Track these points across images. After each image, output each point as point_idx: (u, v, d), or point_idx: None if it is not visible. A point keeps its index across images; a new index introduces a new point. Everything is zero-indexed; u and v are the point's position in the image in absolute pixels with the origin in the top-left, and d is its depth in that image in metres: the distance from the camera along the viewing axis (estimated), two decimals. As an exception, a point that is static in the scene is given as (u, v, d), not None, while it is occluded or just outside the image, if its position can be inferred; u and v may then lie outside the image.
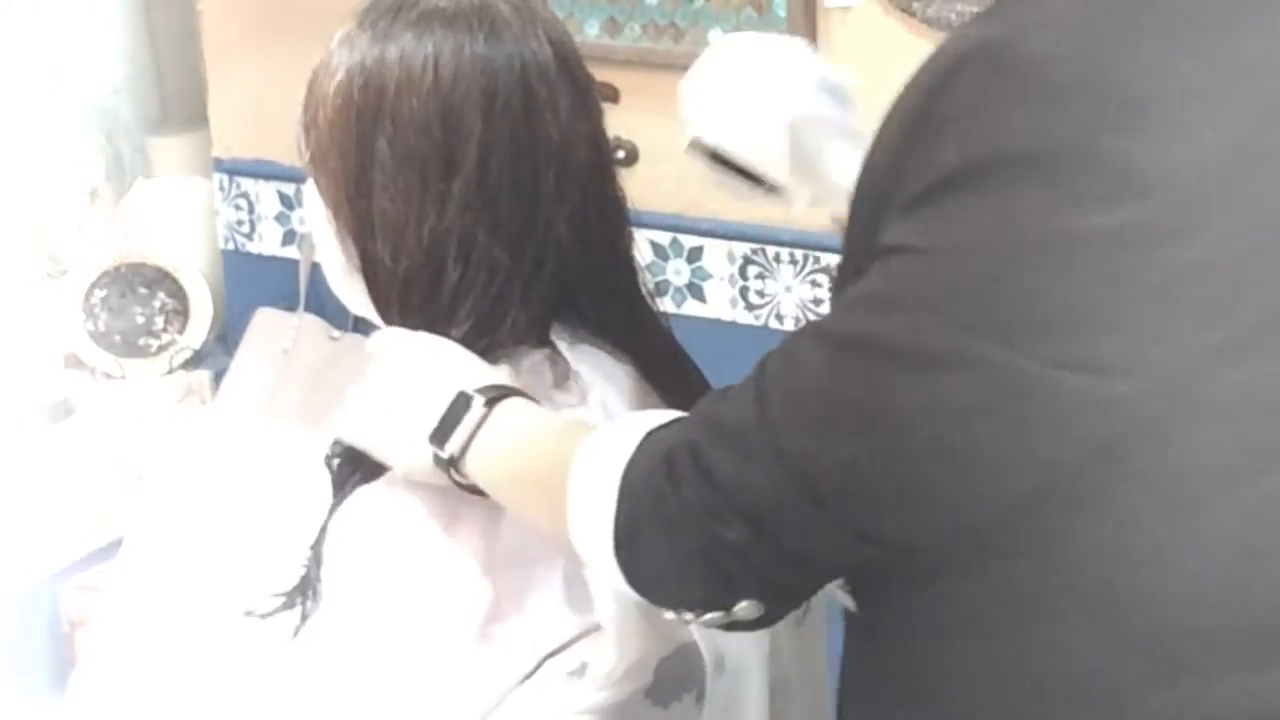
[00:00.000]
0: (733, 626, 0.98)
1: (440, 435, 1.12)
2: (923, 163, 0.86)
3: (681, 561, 0.95)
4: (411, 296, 1.22)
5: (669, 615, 1.00)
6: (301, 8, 2.01)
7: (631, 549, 0.97)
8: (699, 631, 1.16)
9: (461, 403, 1.12)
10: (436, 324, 1.21)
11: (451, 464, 1.12)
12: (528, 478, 1.11)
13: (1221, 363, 0.84)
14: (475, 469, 1.12)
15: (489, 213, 1.20)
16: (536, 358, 1.28)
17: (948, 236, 0.85)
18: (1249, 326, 0.84)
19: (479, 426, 1.11)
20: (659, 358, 1.33)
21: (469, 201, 1.20)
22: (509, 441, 1.11)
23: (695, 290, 2.08)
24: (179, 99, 2.60)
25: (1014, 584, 0.91)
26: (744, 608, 0.95)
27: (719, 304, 2.08)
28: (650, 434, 0.99)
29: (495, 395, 1.13)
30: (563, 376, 1.27)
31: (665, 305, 1.36)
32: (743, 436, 0.91)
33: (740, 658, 1.21)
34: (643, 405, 1.29)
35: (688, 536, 0.93)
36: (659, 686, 1.22)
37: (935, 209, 0.85)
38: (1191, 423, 0.85)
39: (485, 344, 1.22)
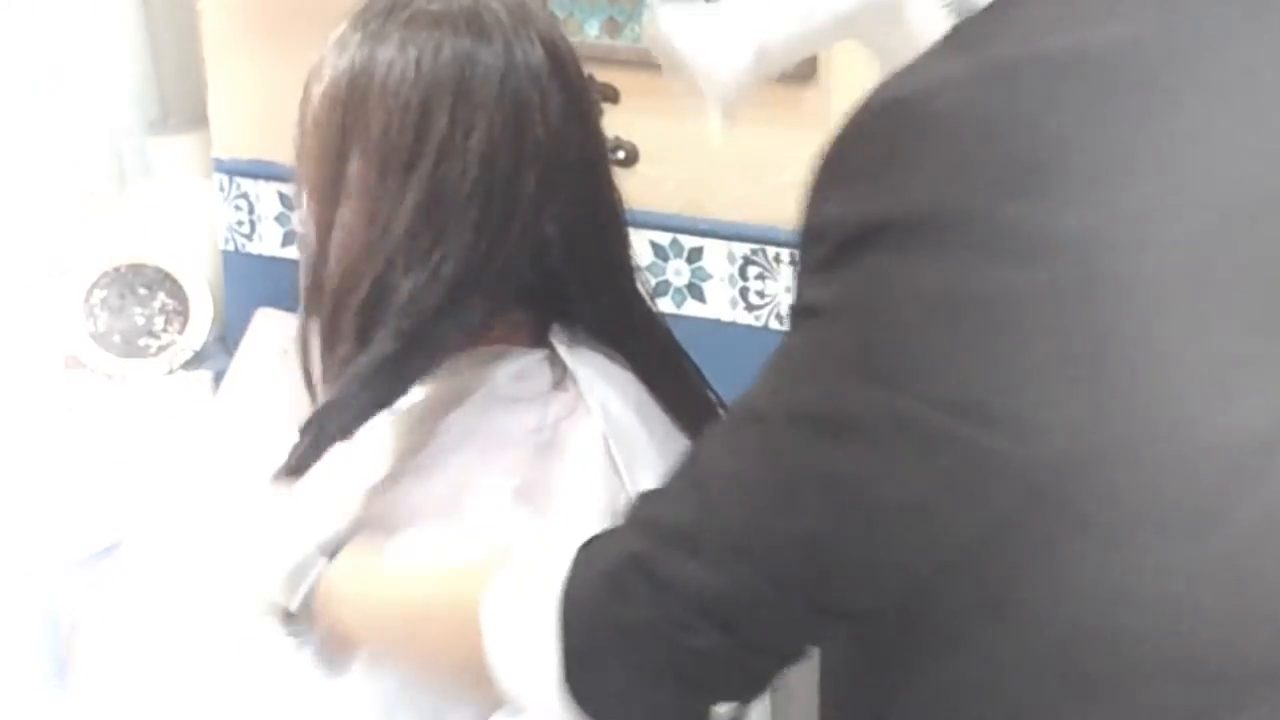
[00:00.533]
0: None
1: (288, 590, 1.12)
2: (830, 222, 0.86)
3: (649, 682, 0.92)
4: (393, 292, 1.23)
5: None
6: (301, 8, 2.00)
7: (586, 681, 0.93)
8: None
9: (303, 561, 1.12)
10: (405, 316, 1.21)
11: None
12: (405, 628, 1.08)
13: (1151, 416, 0.83)
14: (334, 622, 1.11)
15: (467, 210, 1.20)
16: (535, 359, 1.28)
17: (855, 298, 0.85)
18: (1175, 384, 0.83)
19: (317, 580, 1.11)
20: (657, 359, 1.33)
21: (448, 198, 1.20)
22: (360, 593, 1.10)
23: (695, 291, 2.07)
24: (179, 99, 2.60)
25: (973, 633, 0.90)
26: (720, 710, 0.95)
27: (719, 304, 2.08)
28: (581, 552, 0.95)
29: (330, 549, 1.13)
30: (561, 378, 1.27)
31: (665, 305, 1.37)
32: (689, 536, 0.89)
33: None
34: (643, 406, 1.29)
35: (651, 655, 0.90)
36: (659, 686, 1.21)
37: (842, 269, 0.85)
38: (1121, 472, 0.84)
39: (458, 345, 1.23)
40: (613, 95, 1.98)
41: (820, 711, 1.05)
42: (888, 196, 0.83)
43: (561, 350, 1.27)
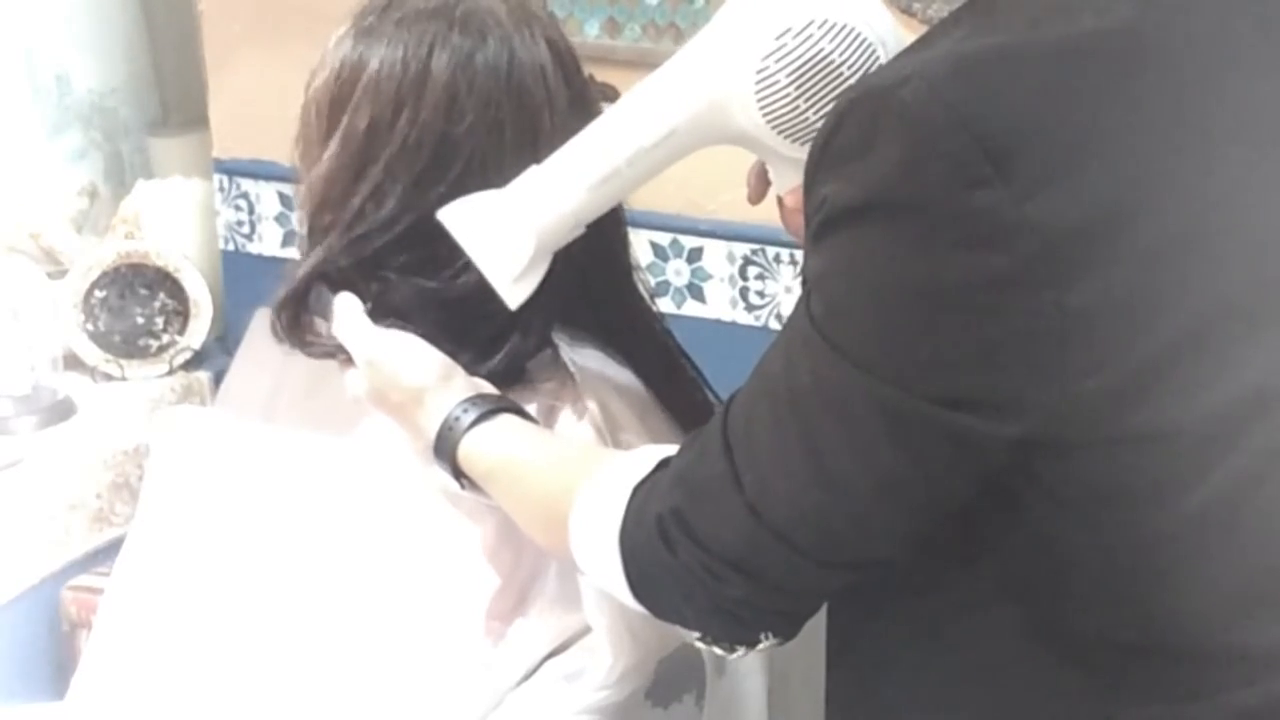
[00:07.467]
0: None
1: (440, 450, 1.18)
2: (817, 203, 0.89)
3: (699, 612, 0.99)
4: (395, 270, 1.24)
5: (700, 645, 1.03)
6: (301, 8, 2.01)
7: (651, 601, 1.02)
8: (699, 632, 1.17)
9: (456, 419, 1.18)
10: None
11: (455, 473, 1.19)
12: (527, 512, 1.16)
13: (1120, 403, 0.84)
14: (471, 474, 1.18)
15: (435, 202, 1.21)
16: (539, 356, 1.28)
17: (827, 274, 0.89)
18: (1146, 368, 0.84)
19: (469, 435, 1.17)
20: (656, 359, 1.33)
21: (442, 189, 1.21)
22: (503, 457, 1.16)
23: (695, 290, 2.07)
24: (179, 99, 2.60)
25: (965, 593, 0.93)
26: (765, 640, 1.00)
27: (719, 304, 2.08)
28: (635, 492, 1.01)
29: (483, 412, 1.17)
30: (562, 376, 1.27)
31: (665, 305, 1.37)
32: (717, 495, 0.95)
33: (740, 659, 1.21)
34: (642, 406, 1.29)
35: (697, 594, 0.97)
36: (659, 687, 1.22)
37: (821, 246, 0.89)
38: (1091, 452, 0.86)
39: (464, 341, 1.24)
40: (612, 95, 1.97)
41: (827, 656, 1.08)
42: (861, 181, 0.86)
43: (563, 349, 1.28)
